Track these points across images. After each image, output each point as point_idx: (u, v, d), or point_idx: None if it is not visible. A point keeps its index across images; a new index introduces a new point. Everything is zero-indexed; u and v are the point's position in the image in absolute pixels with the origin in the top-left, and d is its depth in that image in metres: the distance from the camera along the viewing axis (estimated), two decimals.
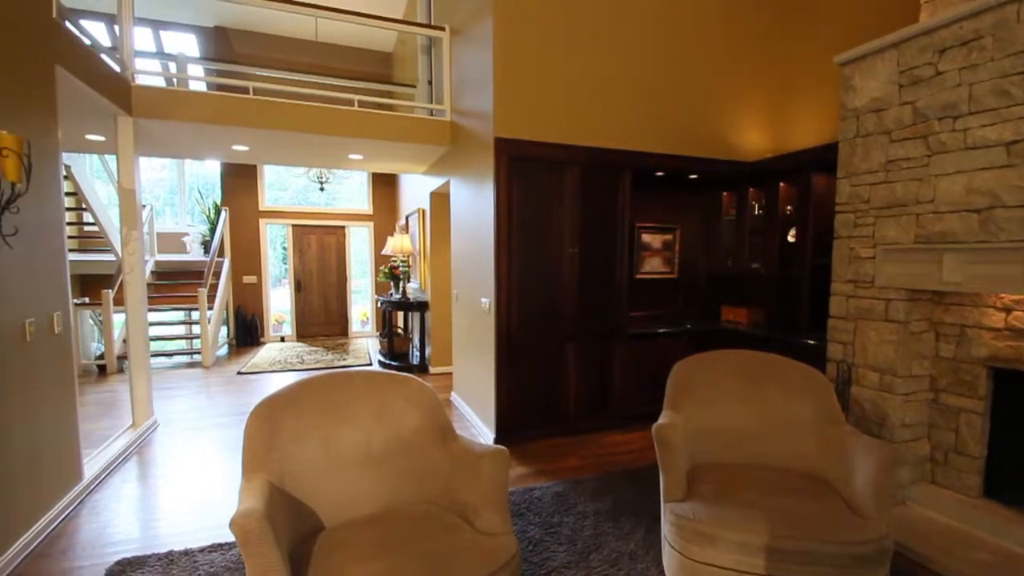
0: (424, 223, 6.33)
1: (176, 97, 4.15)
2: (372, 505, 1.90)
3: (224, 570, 2.24)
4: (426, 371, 6.18)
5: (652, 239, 4.56)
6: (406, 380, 2.13)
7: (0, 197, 2.24)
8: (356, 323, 9.37)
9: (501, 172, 3.56)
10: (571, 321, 3.86)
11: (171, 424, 4.33)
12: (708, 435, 2.36)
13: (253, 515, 1.40)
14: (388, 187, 9.14)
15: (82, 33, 3.31)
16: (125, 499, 2.99)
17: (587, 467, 3.35)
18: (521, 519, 2.66)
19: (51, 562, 2.35)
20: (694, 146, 4.14)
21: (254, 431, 1.81)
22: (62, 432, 2.82)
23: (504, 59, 3.54)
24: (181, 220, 9.22)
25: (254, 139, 4.74)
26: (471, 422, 4.25)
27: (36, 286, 2.60)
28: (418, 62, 6.15)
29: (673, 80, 4.04)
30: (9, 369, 2.36)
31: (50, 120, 2.80)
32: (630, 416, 4.08)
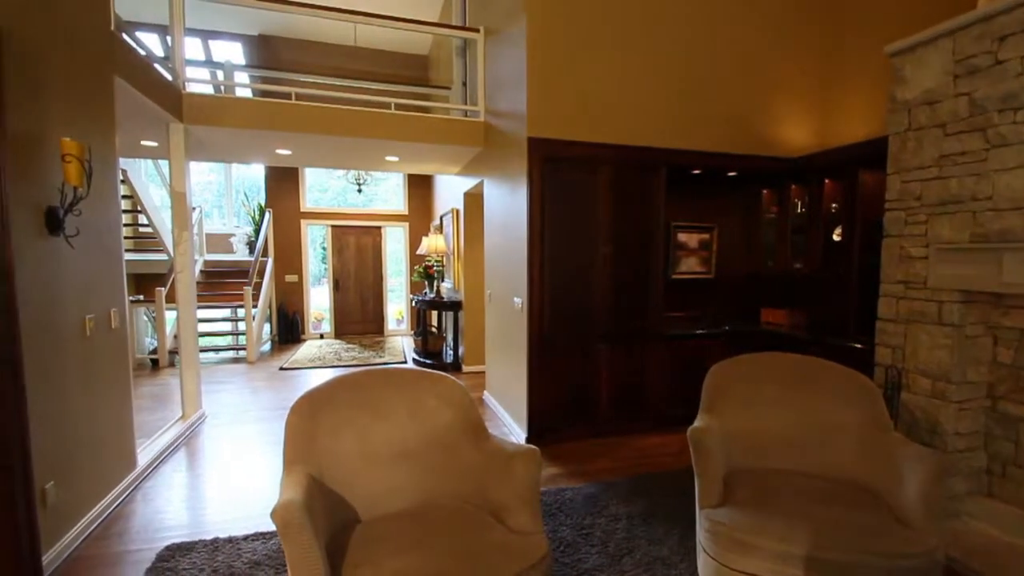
0: (458, 223, 6.39)
1: (223, 104, 4.33)
2: (406, 500, 1.94)
3: (265, 558, 2.33)
4: (459, 370, 6.24)
5: (688, 238, 4.46)
6: (440, 378, 2.17)
7: (64, 200, 2.40)
8: (391, 321, 9.55)
9: (534, 172, 3.56)
10: (604, 321, 3.83)
11: (218, 416, 4.53)
12: (746, 440, 2.30)
13: (293, 506, 1.45)
14: (423, 188, 9.28)
15: (137, 44, 3.50)
16: (175, 487, 3.15)
17: (620, 469, 3.32)
18: (552, 519, 2.65)
19: (108, 544, 2.49)
20: (733, 142, 4.03)
21: (294, 425, 1.87)
22: (119, 422, 2.99)
23: (537, 59, 3.54)
24: (228, 221, 9.63)
25: (296, 143, 4.90)
26: (503, 421, 4.27)
27: (95, 284, 2.77)
28: (453, 64, 6.22)
29: (710, 75, 3.95)
30: (71, 361, 2.52)
31: (109, 127, 2.97)
32: (664, 419, 4.02)
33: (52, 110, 2.41)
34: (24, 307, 2.12)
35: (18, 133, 2.13)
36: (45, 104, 2.35)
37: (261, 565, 2.28)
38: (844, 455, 2.18)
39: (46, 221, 2.32)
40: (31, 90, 2.25)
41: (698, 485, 2.04)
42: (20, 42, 2.17)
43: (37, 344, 2.23)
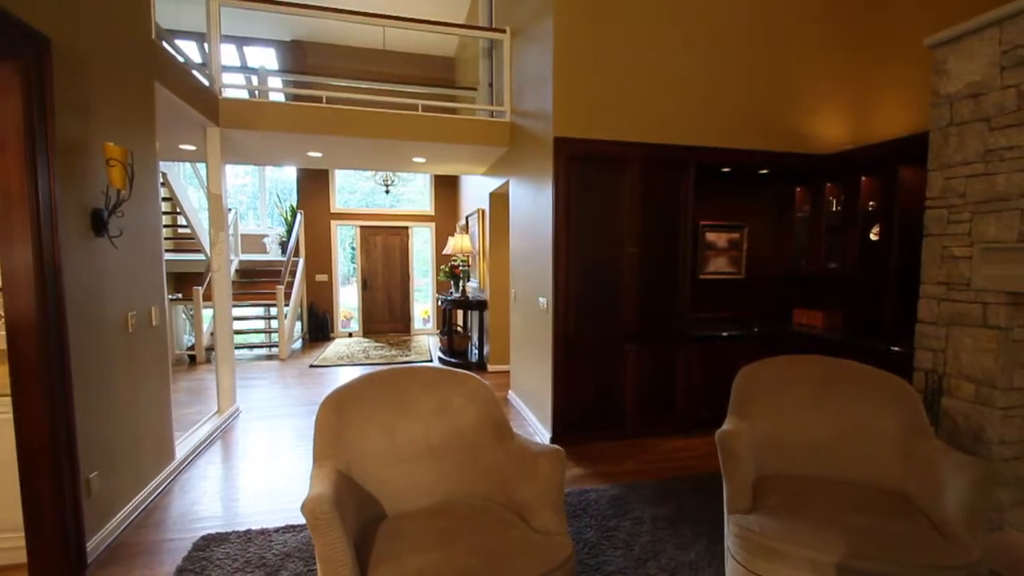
0: (483, 223, 6.42)
1: (258, 108, 4.46)
2: (431, 497, 1.96)
3: (295, 550, 2.39)
4: (484, 369, 6.27)
5: (717, 238, 4.38)
6: (465, 377, 2.18)
7: (108, 203, 2.51)
8: (418, 320, 9.66)
9: (560, 171, 3.55)
10: (631, 322, 3.79)
11: (251, 411, 4.66)
12: (777, 444, 2.24)
13: (322, 500, 1.49)
14: (449, 189, 9.35)
15: (177, 52, 3.63)
16: (210, 479, 3.26)
17: (645, 471, 3.28)
18: (577, 521, 2.64)
19: (147, 532, 2.60)
20: (764, 139, 3.94)
21: (323, 421, 1.92)
22: (158, 415, 3.11)
23: (564, 57, 3.53)
24: (262, 222, 9.90)
25: (326, 145, 5.00)
26: (528, 421, 4.27)
27: (137, 282, 2.89)
28: (479, 65, 6.25)
29: (740, 70, 3.87)
30: (115, 356, 2.64)
31: (149, 132, 3.09)
32: (692, 421, 3.95)
33: (97, 116, 2.52)
34: (71, 304, 2.23)
35: (66, 139, 2.24)
36: (90, 110, 2.47)
37: (291, 557, 2.34)
38: (880, 462, 2.11)
39: (91, 223, 2.43)
40: (77, 97, 2.37)
41: (726, 490, 2.00)
42: (67, 52, 2.28)
43: (83, 340, 2.34)
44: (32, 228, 2.04)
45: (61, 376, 2.17)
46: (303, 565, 2.27)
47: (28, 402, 2.08)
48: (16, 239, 2.03)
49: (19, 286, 2.05)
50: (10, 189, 2.02)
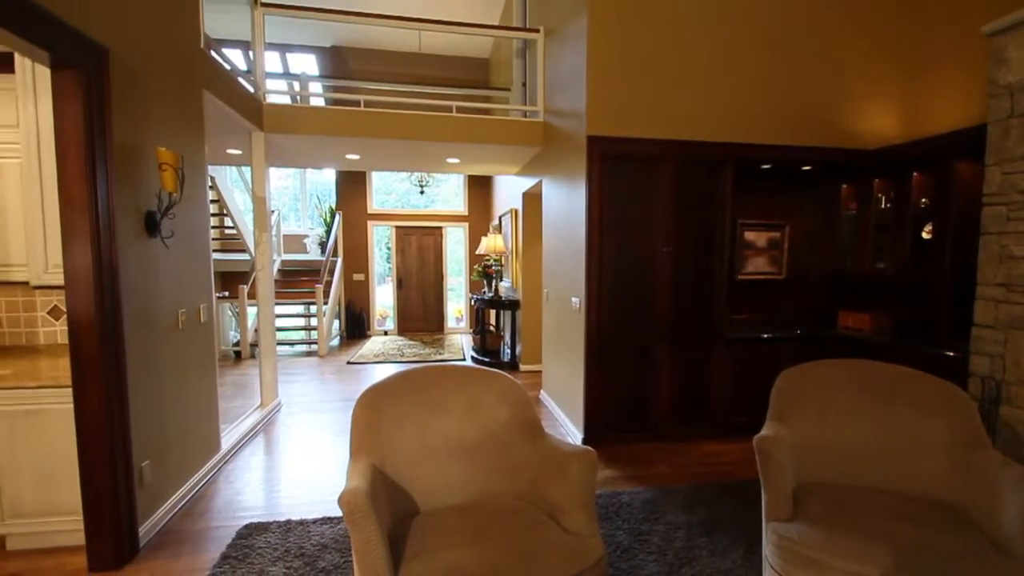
0: (516, 223, 6.44)
1: (299, 113, 4.61)
2: (463, 495, 1.98)
3: (332, 541, 2.46)
4: (516, 368, 6.28)
5: (756, 237, 4.25)
6: (497, 376, 2.20)
7: (160, 205, 2.65)
8: (451, 320, 9.77)
9: (593, 170, 3.52)
10: (665, 322, 3.72)
11: (292, 406, 4.82)
12: (818, 451, 2.16)
13: (358, 493, 1.53)
14: (482, 189, 9.42)
15: (223, 60, 3.79)
16: (253, 470, 3.39)
17: (679, 476, 3.22)
18: (608, 523, 2.62)
19: (194, 520, 2.73)
20: (807, 134, 3.80)
21: (359, 417, 1.96)
22: (205, 408, 3.25)
23: (597, 55, 3.50)
24: (302, 223, 10.22)
25: (364, 148, 5.12)
26: (559, 421, 4.26)
27: (187, 281, 3.03)
28: (513, 65, 6.27)
29: (781, 62, 3.74)
30: (165, 351, 2.77)
31: (199, 137, 3.24)
32: (728, 425, 3.85)
33: (150, 122, 2.66)
34: (127, 302, 2.37)
35: (122, 144, 2.38)
36: (144, 117, 2.60)
37: (328, 548, 2.41)
38: (931, 473, 2.01)
39: (145, 224, 2.56)
40: (132, 105, 2.50)
41: (765, 497, 1.94)
42: (123, 62, 2.41)
43: (137, 336, 2.47)
44: (92, 230, 2.17)
45: (117, 370, 2.30)
46: (340, 556, 2.34)
47: (87, 394, 2.21)
48: (77, 240, 2.17)
49: (80, 285, 2.18)
50: (72, 193, 2.15)
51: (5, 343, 3.00)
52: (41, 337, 3.03)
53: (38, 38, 1.92)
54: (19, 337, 3.01)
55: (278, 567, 2.27)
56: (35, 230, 2.47)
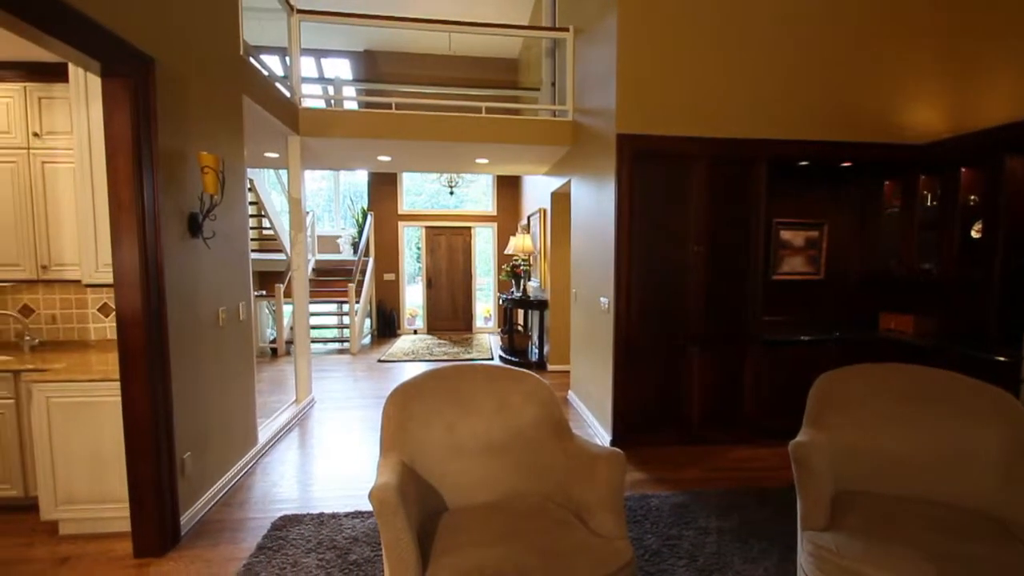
0: (545, 223, 6.43)
1: (333, 116, 4.72)
2: (491, 493, 1.99)
3: (363, 535, 2.51)
4: (544, 368, 6.27)
5: (793, 236, 4.13)
6: (524, 376, 2.20)
7: (202, 207, 2.75)
8: (479, 319, 9.83)
9: (623, 168, 3.49)
10: (696, 323, 3.65)
11: (325, 402, 4.94)
12: (858, 459, 2.08)
13: (388, 489, 1.55)
14: (511, 189, 9.43)
15: (262, 66, 3.91)
16: (288, 463, 3.49)
17: (711, 480, 3.15)
18: (637, 526, 2.59)
19: (232, 511, 2.82)
20: (847, 129, 3.67)
21: (390, 414, 2.00)
22: (244, 402, 3.37)
23: (627, 52, 3.46)
24: (336, 224, 10.46)
25: (395, 149, 5.20)
26: (587, 422, 4.23)
27: (227, 280, 3.14)
28: (542, 65, 6.26)
29: (818, 54, 3.62)
30: (207, 347, 2.88)
31: (238, 141, 3.35)
32: (761, 430, 3.75)
33: (193, 127, 2.76)
34: (171, 300, 2.47)
35: (166, 149, 2.48)
36: (187, 122, 2.71)
37: (359, 541, 2.46)
38: (980, 484, 1.91)
39: (188, 225, 2.67)
40: (176, 111, 2.61)
41: (801, 505, 1.89)
42: (168, 70, 2.52)
43: (180, 332, 2.58)
44: (139, 231, 2.28)
45: (161, 364, 2.40)
46: (370, 550, 2.38)
47: (134, 387, 2.32)
48: (125, 241, 2.28)
49: (127, 283, 2.29)
50: (120, 196, 2.26)
51: (59, 338, 3.18)
52: (92, 333, 3.20)
53: (90, 49, 2.03)
54: (72, 333, 3.19)
55: (311, 559, 2.33)
56: (86, 231, 2.61)
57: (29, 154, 2.84)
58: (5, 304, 3.12)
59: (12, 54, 2.69)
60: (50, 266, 2.89)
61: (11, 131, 2.82)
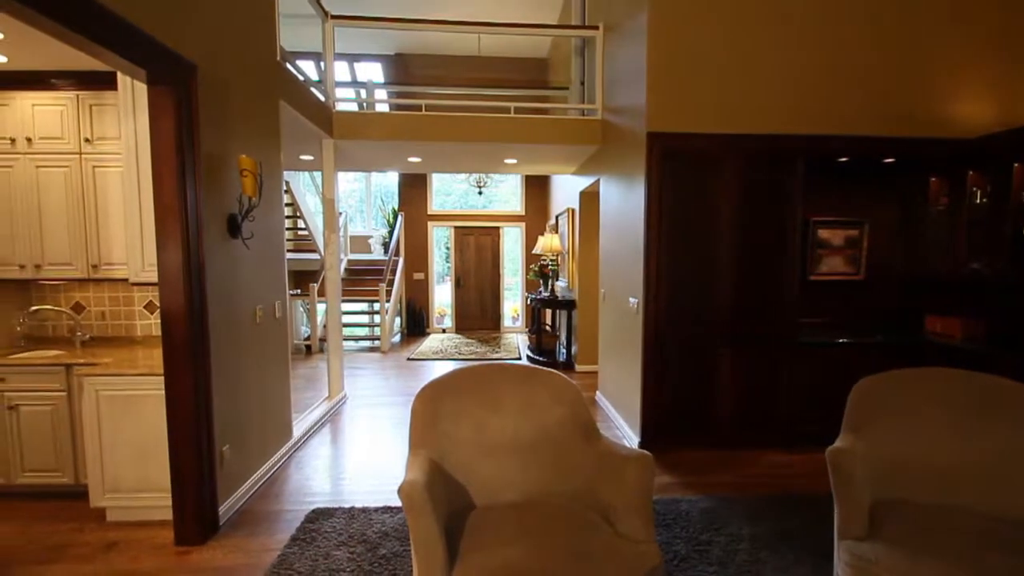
0: (573, 222, 6.39)
1: (365, 119, 4.81)
2: (518, 492, 2.00)
3: (392, 530, 2.56)
4: (572, 368, 6.24)
5: (832, 235, 3.99)
6: (552, 375, 2.20)
7: (241, 209, 2.85)
8: (507, 318, 9.85)
9: (653, 167, 3.44)
10: (728, 325, 3.57)
11: (356, 398, 5.05)
12: (900, 468, 2.01)
13: (416, 485, 1.58)
14: (539, 188, 9.42)
15: (297, 71, 4.02)
16: (321, 458, 3.57)
17: (742, 485, 3.08)
18: (666, 530, 2.55)
19: (268, 502, 2.92)
20: (889, 123, 3.52)
21: (419, 411, 2.03)
22: (279, 397, 3.47)
23: (658, 48, 3.41)
24: (367, 224, 10.66)
25: (425, 150, 5.27)
26: (615, 423, 4.19)
27: (264, 279, 3.24)
28: (571, 64, 6.23)
29: (858, 45, 3.48)
30: (245, 344, 2.98)
31: (275, 144, 3.46)
32: (796, 435, 3.64)
33: (232, 132, 2.86)
34: (211, 298, 2.56)
35: (208, 153, 2.58)
36: (227, 127, 2.81)
37: (388, 536, 2.50)
38: None
39: (228, 226, 2.77)
40: (217, 116, 2.71)
41: (838, 513, 1.83)
42: (209, 76, 2.61)
43: (220, 329, 2.67)
44: (182, 232, 2.37)
45: (203, 360, 2.50)
46: (399, 545, 2.42)
47: (177, 381, 2.43)
48: (170, 241, 2.38)
49: (172, 282, 2.39)
50: (165, 198, 2.36)
51: (108, 334, 3.34)
52: (138, 329, 3.35)
53: (137, 58, 2.12)
54: (120, 329, 3.35)
55: (342, 551, 2.38)
56: (133, 232, 2.73)
57: (81, 159, 3.00)
58: (59, 301, 3.30)
59: (65, 64, 2.84)
60: (100, 265, 3.04)
61: (65, 137, 2.98)
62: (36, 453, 2.83)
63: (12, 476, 2.83)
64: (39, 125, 2.97)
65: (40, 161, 2.99)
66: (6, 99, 2.95)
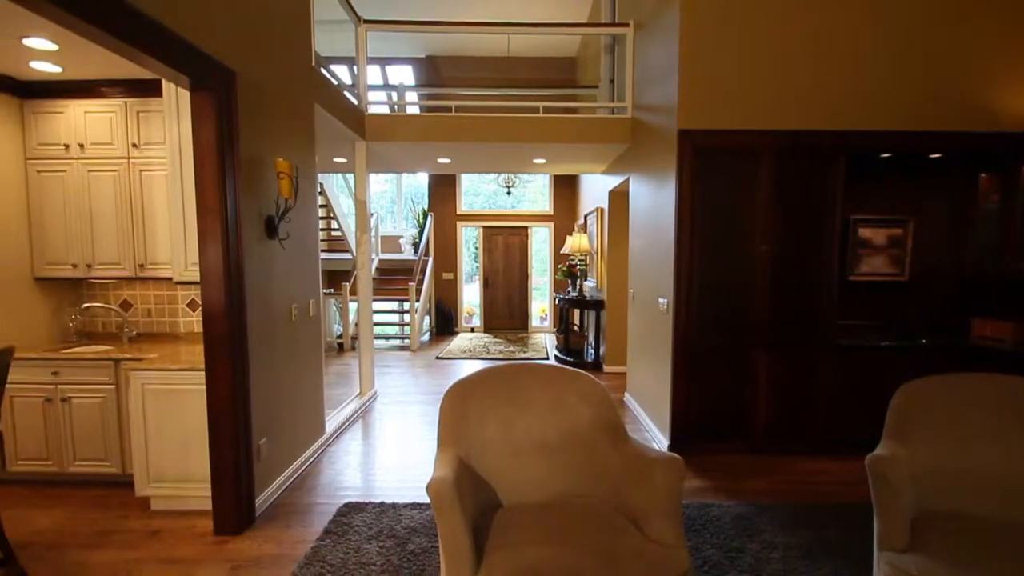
0: (602, 222, 6.34)
1: (396, 121, 4.89)
2: (545, 492, 2.00)
3: (420, 526, 2.59)
4: (600, 369, 6.19)
5: (874, 234, 3.84)
6: (579, 376, 2.19)
7: (277, 210, 2.93)
8: (535, 318, 9.84)
9: (684, 165, 3.38)
10: (761, 326, 3.48)
11: (386, 395, 5.13)
12: (944, 477, 1.92)
13: (445, 482, 1.60)
14: (568, 188, 9.38)
15: (331, 76, 4.12)
16: (352, 453, 3.65)
17: (776, 492, 3.00)
18: (696, 536, 2.51)
19: (302, 495, 3.00)
20: (936, 117, 3.36)
21: (447, 410, 2.05)
22: (313, 394, 3.56)
23: (690, 43, 3.35)
24: (397, 225, 10.82)
25: (454, 151, 5.32)
26: (644, 425, 4.14)
27: (299, 279, 3.33)
28: (601, 62, 6.18)
29: (903, 35, 3.33)
30: (281, 341, 3.07)
31: (310, 147, 3.55)
32: (833, 441, 3.52)
33: (269, 136, 2.95)
34: (249, 297, 2.65)
35: (247, 157, 2.67)
36: (265, 131, 2.90)
37: (417, 532, 2.54)
38: None
39: (265, 227, 2.86)
40: (255, 120, 2.80)
41: (878, 523, 1.76)
42: (247, 82, 2.70)
43: (257, 327, 2.76)
44: (222, 232, 2.46)
45: (241, 356, 2.59)
46: (427, 541, 2.46)
47: (217, 376, 2.52)
48: (210, 242, 2.47)
49: (212, 280, 2.48)
50: (207, 201, 2.45)
51: (153, 330, 3.49)
52: (181, 326, 3.49)
53: (181, 65, 2.21)
54: (164, 326, 3.50)
55: (372, 545, 2.43)
56: (177, 232, 2.85)
57: (129, 163, 3.14)
58: (108, 299, 3.47)
59: (114, 73, 2.98)
60: (146, 265, 3.18)
61: (114, 142, 3.14)
62: (86, 443, 2.98)
63: (65, 464, 3.00)
64: (90, 131, 3.13)
65: (91, 166, 3.15)
66: (61, 107, 3.13)
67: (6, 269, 3.08)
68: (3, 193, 3.06)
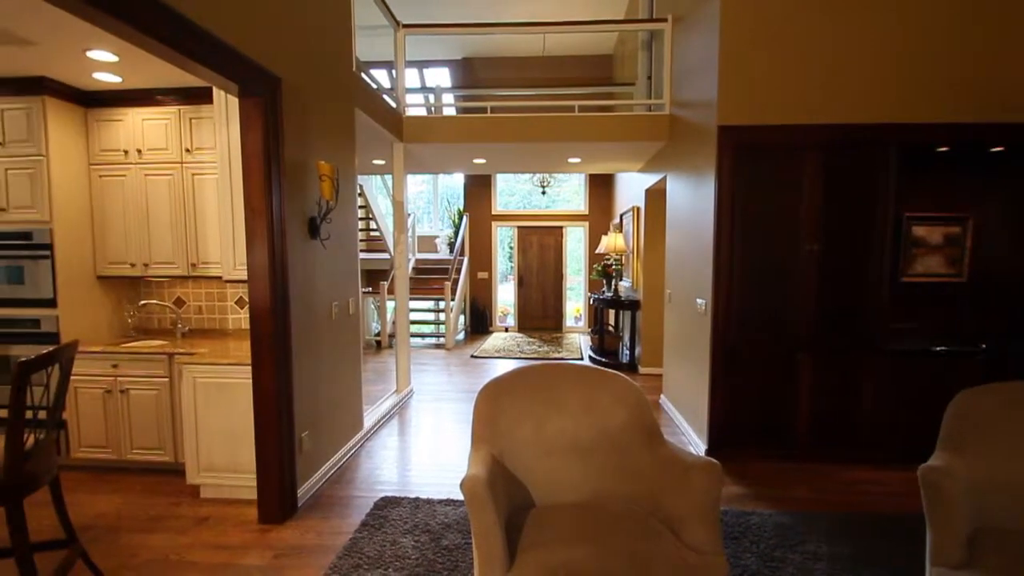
0: (638, 221, 6.25)
1: (433, 123, 4.96)
2: (578, 493, 1.99)
3: (454, 522, 2.63)
4: (635, 370, 6.11)
5: (929, 233, 3.64)
6: (614, 377, 2.17)
7: (319, 211, 3.03)
8: (569, 318, 9.79)
9: (723, 162, 3.30)
10: (805, 329, 3.36)
11: (422, 393, 5.22)
12: (1005, 492, 1.80)
13: (478, 480, 1.62)
14: (603, 187, 9.29)
15: (371, 80, 4.22)
16: (389, 449, 3.73)
17: (820, 501, 2.89)
18: (735, 543, 2.45)
19: (341, 488, 3.08)
20: (995, 107, 3.16)
21: (481, 409, 2.07)
22: (352, 389, 3.66)
23: (731, 37, 3.27)
24: (434, 225, 10.98)
25: (490, 152, 5.36)
26: (680, 428, 4.06)
27: (339, 278, 3.43)
28: (638, 59, 6.10)
29: (957, 21, 3.15)
30: (322, 338, 3.17)
31: (350, 150, 3.64)
32: (882, 450, 3.36)
33: (312, 139, 3.05)
34: (293, 295, 2.75)
35: (291, 160, 2.76)
36: (308, 135, 3.00)
37: (451, 528, 2.57)
38: None
39: (308, 228, 2.95)
40: (299, 125, 2.89)
41: (930, 537, 1.68)
42: (292, 88, 2.80)
43: (300, 324, 2.86)
44: (268, 233, 2.56)
45: (285, 352, 2.69)
46: (461, 537, 2.49)
47: (263, 371, 2.62)
48: (257, 242, 2.57)
49: (259, 279, 2.59)
50: (254, 203, 2.56)
51: (204, 327, 3.67)
52: (230, 323, 3.65)
53: (231, 73, 2.32)
54: (214, 322, 3.66)
55: (407, 539, 2.48)
56: (226, 233, 2.98)
57: (182, 167, 3.31)
58: (163, 296, 3.67)
59: (169, 82, 3.15)
60: (198, 264, 3.35)
61: (168, 148, 3.31)
62: (142, 432, 3.16)
63: (123, 452, 3.18)
64: (147, 137, 3.31)
65: (148, 170, 3.34)
66: (120, 115, 3.32)
67: (73, 268, 3.30)
68: (70, 197, 3.27)
